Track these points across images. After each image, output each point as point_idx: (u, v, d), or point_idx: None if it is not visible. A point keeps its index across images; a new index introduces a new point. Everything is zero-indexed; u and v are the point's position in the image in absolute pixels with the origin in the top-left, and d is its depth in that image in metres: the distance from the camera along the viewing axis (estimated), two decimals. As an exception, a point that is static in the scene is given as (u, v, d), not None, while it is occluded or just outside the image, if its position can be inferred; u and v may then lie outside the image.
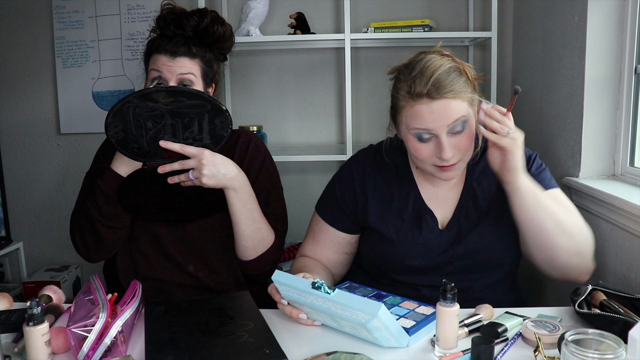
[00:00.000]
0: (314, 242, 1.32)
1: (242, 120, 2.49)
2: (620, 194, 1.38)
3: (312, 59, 2.44)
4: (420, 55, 1.16)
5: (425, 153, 1.13)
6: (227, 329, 0.98)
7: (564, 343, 0.76)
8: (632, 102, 1.55)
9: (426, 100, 1.09)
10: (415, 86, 1.09)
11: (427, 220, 1.23)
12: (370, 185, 1.27)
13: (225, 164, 1.21)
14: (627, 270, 1.37)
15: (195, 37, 1.31)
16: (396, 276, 1.23)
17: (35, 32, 2.45)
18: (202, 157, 1.17)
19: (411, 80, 1.10)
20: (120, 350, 0.91)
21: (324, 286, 0.95)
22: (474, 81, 1.17)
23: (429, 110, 1.09)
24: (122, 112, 1.16)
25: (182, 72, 1.28)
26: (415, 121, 1.11)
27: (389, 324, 0.91)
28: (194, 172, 1.18)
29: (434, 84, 1.08)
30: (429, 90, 1.08)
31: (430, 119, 1.09)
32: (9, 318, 1.06)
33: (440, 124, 1.09)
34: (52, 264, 2.59)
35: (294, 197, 2.35)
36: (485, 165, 1.23)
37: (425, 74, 1.09)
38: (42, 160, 2.56)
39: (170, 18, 1.30)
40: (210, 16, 1.32)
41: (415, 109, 1.10)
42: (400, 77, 1.15)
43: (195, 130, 1.19)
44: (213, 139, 1.21)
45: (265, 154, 1.43)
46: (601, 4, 1.55)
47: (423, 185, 1.26)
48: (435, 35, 2.09)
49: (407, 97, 1.11)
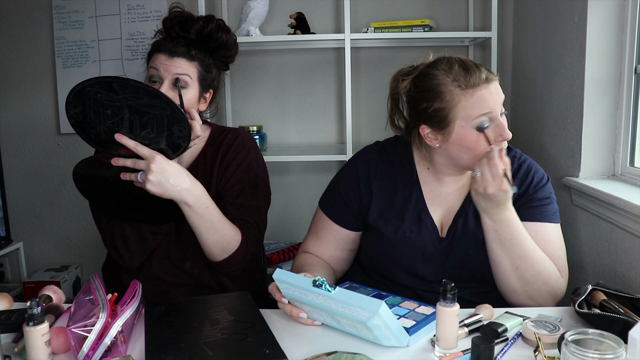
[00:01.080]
0: (317, 239, 1.32)
1: (242, 120, 2.49)
2: (620, 194, 1.38)
3: (312, 59, 2.44)
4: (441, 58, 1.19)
5: (484, 144, 1.14)
6: (227, 329, 0.98)
7: (564, 343, 0.76)
8: (632, 102, 1.55)
9: (484, 85, 1.12)
10: (470, 77, 1.12)
11: (426, 225, 1.22)
12: (375, 182, 1.27)
13: (177, 174, 1.14)
14: (627, 270, 1.37)
15: (197, 40, 1.32)
16: (392, 275, 1.23)
17: (35, 32, 2.45)
18: (152, 161, 1.10)
19: (459, 74, 1.13)
20: (120, 350, 0.91)
21: (325, 284, 0.95)
22: None
23: (489, 93, 1.12)
24: (82, 93, 1.12)
25: (178, 71, 1.28)
26: (479, 107, 1.12)
27: (389, 322, 0.91)
28: (141, 175, 1.12)
29: (481, 68, 1.13)
30: (486, 74, 1.13)
31: (492, 100, 1.13)
32: (9, 318, 1.06)
33: (499, 103, 1.14)
34: (52, 264, 2.59)
35: (294, 197, 2.36)
36: None
37: (470, 64, 1.14)
38: (42, 160, 2.56)
39: (177, 20, 1.32)
40: (216, 23, 1.34)
41: (477, 96, 1.12)
42: (440, 80, 1.14)
43: (152, 132, 1.13)
44: (170, 146, 1.14)
45: (251, 149, 1.40)
46: (601, 4, 1.55)
47: (427, 185, 1.26)
48: (435, 35, 2.09)
49: (460, 90, 1.12)
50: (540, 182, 1.23)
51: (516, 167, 1.24)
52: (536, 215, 1.20)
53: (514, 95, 2.29)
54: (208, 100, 1.39)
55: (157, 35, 1.36)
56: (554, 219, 1.22)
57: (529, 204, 1.20)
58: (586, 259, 1.58)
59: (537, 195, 1.21)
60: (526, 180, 1.22)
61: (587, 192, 1.54)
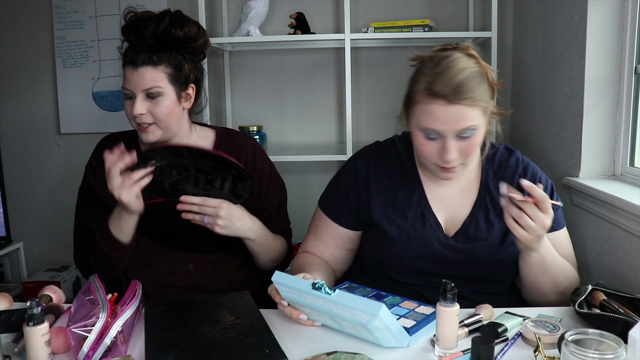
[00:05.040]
0: (316, 238, 1.32)
1: (242, 120, 2.49)
2: (620, 194, 1.38)
3: (312, 59, 2.44)
4: (447, 52, 1.13)
5: (429, 150, 1.12)
6: (227, 329, 0.98)
7: (564, 343, 0.76)
8: (632, 102, 1.55)
9: (442, 103, 1.06)
10: (435, 84, 1.06)
11: (430, 223, 1.22)
12: (373, 182, 1.26)
13: (242, 217, 1.25)
14: (627, 270, 1.37)
15: (156, 43, 1.26)
16: (396, 275, 1.23)
17: (35, 32, 2.45)
18: (220, 210, 1.21)
19: (433, 76, 1.08)
20: (120, 350, 0.91)
21: (325, 287, 0.94)
22: (494, 86, 1.15)
23: (443, 113, 1.06)
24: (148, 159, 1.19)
25: (145, 86, 1.24)
26: (426, 120, 1.09)
27: (389, 324, 0.91)
28: (209, 218, 1.22)
29: (455, 87, 1.05)
30: (448, 93, 1.05)
31: (443, 121, 1.07)
32: (9, 318, 1.06)
33: (450, 127, 1.07)
34: (52, 264, 2.59)
35: (294, 197, 2.34)
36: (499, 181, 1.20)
37: (448, 74, 1.06)
38: (42, 160, 2.56)
39: (132, 27, 1.26)
40: (169, 19, 1.26)
41: (430, 107, 1.07)
42: (423, 70, 1.11)
43: (217, 185, 1.23)
44: (233, 195, 1.24)
45: (266, 155, 1.46)
46: (601, 4, 1.55)
47: (428, 185, 1.25)
48: (435, 35, 2.09)
49: (424, 92, 1.08)
50: (546, 187, 1.21)
51: (522, 170, 1.24)
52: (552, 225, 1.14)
53: (514, 95, 2.29)
54: (193, 96, 1.34)
55: (123, 45, 1.30)
56: (564, 222, 1.24)
57: None
58: (586, 259, 1.58)
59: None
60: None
61: (587, 192, 1.54)
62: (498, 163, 1.26)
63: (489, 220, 1.21)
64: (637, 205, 1.27)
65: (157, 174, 1.20)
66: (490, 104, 1.14)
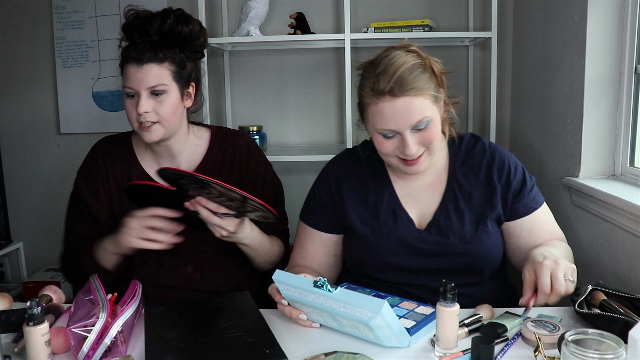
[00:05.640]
0: (302, 250, 1.32)
1: (242, 120, 2.49)
2: (620, 194, 1.38)
3: (312, 59, 2.44)
4: (386, 52, 1.15)
5: (389, 148, 1.13)
6: (227, 329, 0.98)
7: (564, 343, 0.76)
8: (632, 102, 1.55)
9: (389, 98, 1.08)
10: (378, 83, 1.09)
11: (402, 219, 1.22)
12: (344, 185, 1.27)
13: (244, 228, 1.23)
14: (627, 270, 1.37)
15: (161, 40, 1.27)
16: (377, 274, 1.23)
17: (35, 32, 2.45)
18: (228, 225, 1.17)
19: (375, 77, 1.10)
20: (120, 350, 0.91)
21: (327, 284, 0.94)
22: (441, 76, 1.16)
23: (392, 109, 1.08)
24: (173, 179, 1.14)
25: (150, 84, 1.24)
26: (380, 121, 1.11)
27: (391, 322, 0.91)
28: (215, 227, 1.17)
29: (397, 81, 1.07)
30: (391, 87, 1.07)
31: (394, 118, 1.09)
32: (9, 318, 1.06)
33: (403, 123, 1.09)
34: (52, 264, 2.59)
35: (294, 197, 2.34)
36: (466, 171, 1.24)
37: (389, 71, 1.08)
38: (42, 160, 2.56)
39: (135, 25, 1.26)
40: (174, 16, 1.27)
41: (379, 107, 1.10)
42: (366, 74, 1.14)
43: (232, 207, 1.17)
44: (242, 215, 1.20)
45: (263, 154, 1.45)
46: (601, 4, 1.55)
47: (397, 182, 1.26)
48: (435, 35, 2.09)
49: (371, 94, 1.11)
50: (517, 169, 1.24)
51: (489, 156, 1.24)
52: (530, 205, 1.22)
53: (514, 95, 2.29)
54: (193, 95, 1.35)
55: (121, 43, 1.30)
56: (541, 198, 1.25)
57: (522, 198, 1.21)
58: (586, 259, 1.58)
59: (525, 186, 1.22)
60: (504, 170, 1.22)
61: (587, 192, 1.54)
62: (465, 151, 1.26)
63: (459, 208, 1.21)
64: (637, 205, 1.27)
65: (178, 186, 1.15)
66: (441, 93, 1.16)
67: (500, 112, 2.28)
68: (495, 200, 1.20)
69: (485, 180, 1.22)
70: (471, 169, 1.24)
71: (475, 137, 1.29)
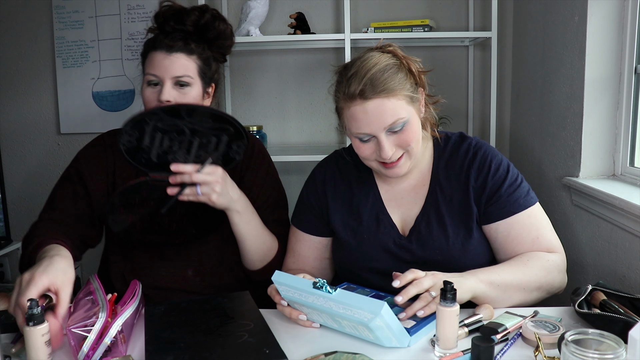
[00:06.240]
0: (294, 255, 1.31)
1: (242, 120, 2.45)
2: (620, 194, 1.38)
3: (312, 59, 2.44)
4: (361, 54, 1.14)
5: (367, 152, 1.12)
6: (227, 329, 0.98)
7: (564, 343, 0.76)
8: (632, 102, 1.55)
9: (359, 101, 1.06)
10: (349, 86, 1.07)
11: (384, 224, 1.21)
12: (330, 188, 1.27)
13: (233, 186, 1.20)
14: (627, 270, 1.37)
15: (195, 32, 1.28)
16: (361, 278, 1.22)
17: (35, 32, 2.45)
18: (216, 175, 1.15)
19: (346, 80, 1.08)
20: (120, 350, 0.91)
21: (326, 286, 0.94)
22: (419, 75, 1.13)
23: (364, 112, 1.06)
24: (143, 122, 1.12)
25: (177, 74, 1.23)
26: (354, 125, 1.09)
27: (391, 323, 0.91)
28: (203, 188, 1.14)
29: (366, 82, 1.05)
30: (361, 89, 1.05)
31: (366, 121, 1.07)
32: (9, 318, 1.06)
33: (376, 126, 1.07)
34: (52, 264, 2.58)
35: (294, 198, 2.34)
36: (448, 172, 1.20)
37: (360, 73, 1.06)
38: (42, 160, 2.56)
39: (170, 14, 1.27)
40: (212, 13, 1.30)
41: (352, 110, 1.08)
42: (339, 78, 1.13)
43: (209, 149, 1.15)
44: (224, 160, 1.18)
45: (269, 159, 1.43)
46: (601, 4, 1.55)
47: (382, 186, 1.25)
48: (435, 35, 2.09)
49: (344, 98, 1.09)
50: (499, 168, 1.17)
51: (471, 156, 1.19)
52: (507, 209, 1.14)
53: (513, 96, 2.29)
54: (211, 95, 1.35)
55: (148, 34, 1.30)
56: (527, 202, 1.15)
57: (497, 200, 1.15)
58: (586, 259, 1.58)
59: (502, 187, 1.15)
60: (482, 170, 1.17)
61: (587, 192, 1.54)
62: (449, 152, 1.22)
63: (440, 212, 1.18)
64: (637, 205, 1.27)
65: (147, 144, 1.14)
66: (420, 93, 1.13)
67: (500, 112, 2.28)
68: (472, 203, 1.16)
69: (465, 181, 1.18)
70: (454, 170, 1.20)
71: (463, 137, 1.24)
